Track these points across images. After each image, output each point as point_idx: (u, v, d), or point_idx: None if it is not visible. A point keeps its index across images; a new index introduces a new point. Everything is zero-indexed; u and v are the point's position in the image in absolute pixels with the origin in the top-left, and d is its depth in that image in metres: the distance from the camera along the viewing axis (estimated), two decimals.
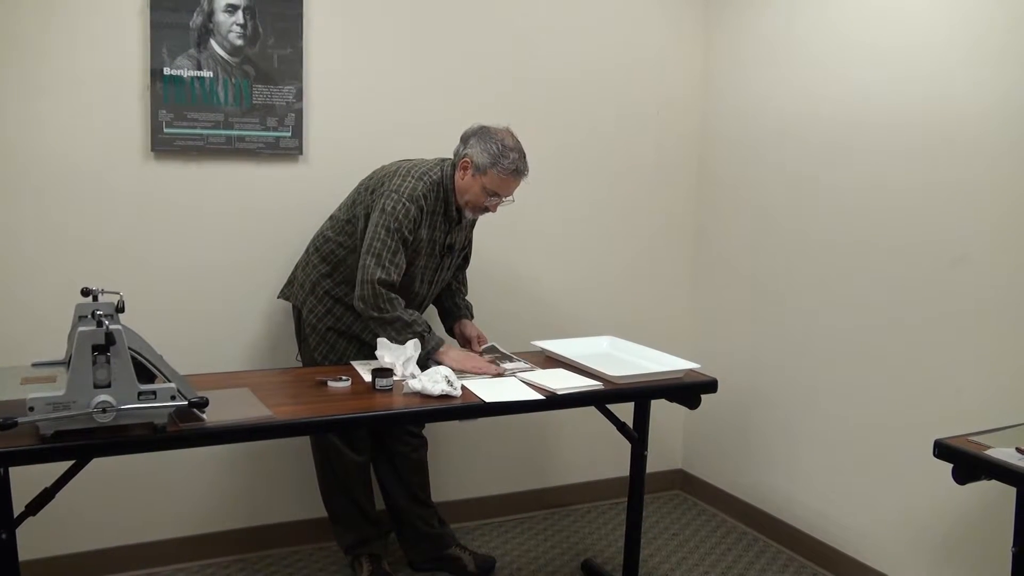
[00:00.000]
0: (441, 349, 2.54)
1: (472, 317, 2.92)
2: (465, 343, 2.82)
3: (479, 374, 2.47)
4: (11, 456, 1.75)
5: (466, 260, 2.95)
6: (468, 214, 2.68)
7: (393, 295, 2.51)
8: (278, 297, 2.87)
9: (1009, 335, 2.45)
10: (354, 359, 2.66)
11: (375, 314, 2.50)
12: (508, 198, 2.66)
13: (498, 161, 2.56)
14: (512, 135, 2.63)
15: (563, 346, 2.74)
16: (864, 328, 2.89)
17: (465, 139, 2.64)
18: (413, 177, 2.59)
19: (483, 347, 2.75)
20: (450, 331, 2.91)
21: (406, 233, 2.54)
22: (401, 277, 2.56)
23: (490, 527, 3.38)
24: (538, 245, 3.40)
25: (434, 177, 2.62)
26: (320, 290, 2.71)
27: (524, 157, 2.61)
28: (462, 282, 2.97)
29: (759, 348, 3.36)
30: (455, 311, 2.91)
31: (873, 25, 2.83)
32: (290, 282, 2.84)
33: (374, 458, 2.91)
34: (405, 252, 2.56)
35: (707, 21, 3.58)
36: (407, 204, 2.54)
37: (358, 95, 3.02)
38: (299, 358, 2.83)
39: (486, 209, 2.66)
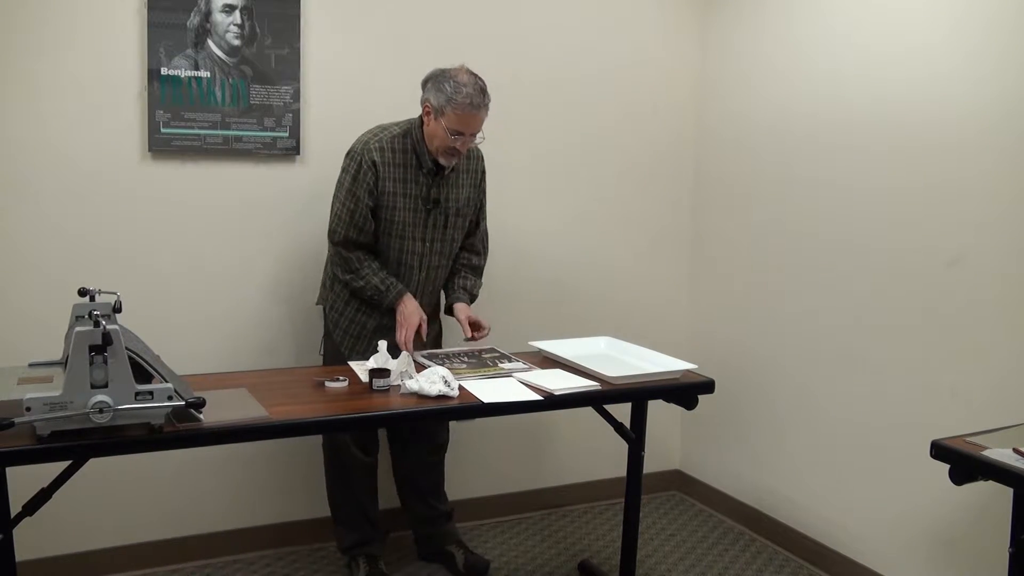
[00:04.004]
0: (402, 299, 2.60)
1: (470, 300, 2.83)
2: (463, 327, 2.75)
3: (402, 336, 2.55)
4: (8, 456, 1.75)
5: (476, 227, 2.86)
6: (443, 161, 2.61)
7: (361, 254, 2.57)
8: (316, 304, 2.85)
9: (1006, 335, 2.45)
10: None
11: (350, 278, 2.62)
12: (478, 135, 2.60)
13: (452, 98, 2.50)
14: (468, 72, 2.56)
15: (560, 346, 2.74)
16: (861, 329, 2.89)
17: (423, 85, 2.60)
18: (369, 134, 2.62)
19: (480, 334, 2.70)
20: (449, 312, 2.85)
21: (363, 190, 2.56)
22: (368, 236, 2.60)
23: (487, 527, 3.38)
24: (535, 245, 3.40)
25: (395, 131, 2.62)
26: (338, 284, 2.72)
27: (482, 91, 2.54)
28: (473, 251, 2.88)
29: (756, 349, 3.36)
30: (450, 292, 2.84)
31: (871, 26, 2.83)
32: (321, 284, 2.85)
33: (394, 452, 2.96)
34: (369, 207, 2.58)
35: (704, 21, 3.58)
36: (356, 159, 2.57)
37: (356, 95, 3.01)
38: (322, 352, 2.84)
39: (456, 151, 2.58)
